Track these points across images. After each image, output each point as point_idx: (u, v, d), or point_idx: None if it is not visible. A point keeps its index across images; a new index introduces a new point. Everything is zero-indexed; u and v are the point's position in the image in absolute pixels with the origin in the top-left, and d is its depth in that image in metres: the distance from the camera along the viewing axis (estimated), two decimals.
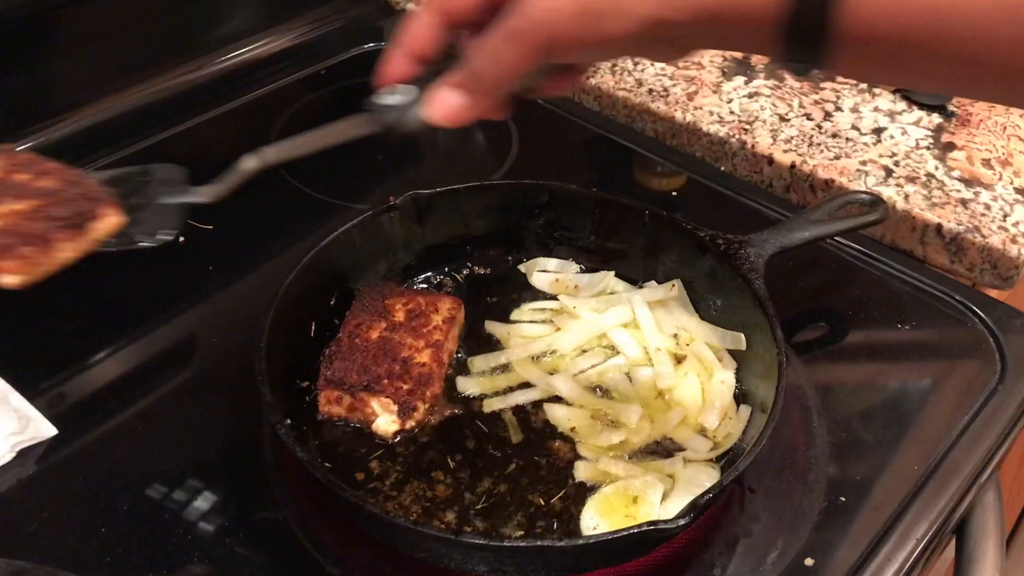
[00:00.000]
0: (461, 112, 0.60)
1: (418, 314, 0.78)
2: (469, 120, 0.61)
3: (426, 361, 0.75)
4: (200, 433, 0.75)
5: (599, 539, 0.60)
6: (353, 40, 1.24)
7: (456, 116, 0.61)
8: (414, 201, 0.83)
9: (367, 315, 0.78)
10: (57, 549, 0.66)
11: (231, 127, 1.10)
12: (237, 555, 0.66)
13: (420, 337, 0.77)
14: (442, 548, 0.63)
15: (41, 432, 0.73)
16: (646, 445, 0.73)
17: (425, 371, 0.74)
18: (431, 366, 0.75)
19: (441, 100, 0.60)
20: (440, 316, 0.79)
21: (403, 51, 0.62)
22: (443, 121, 0.61)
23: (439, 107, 0.61)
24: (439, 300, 0.81)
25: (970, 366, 0.83)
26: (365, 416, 0.73)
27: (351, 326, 0.77)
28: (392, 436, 0.73)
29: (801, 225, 0.82)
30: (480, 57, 0.58)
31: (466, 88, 0.60)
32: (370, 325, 0.77)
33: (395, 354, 0.75)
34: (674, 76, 1.15)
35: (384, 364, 0.74)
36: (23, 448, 0.72)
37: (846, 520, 0.70)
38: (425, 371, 0.74)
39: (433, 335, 0.77)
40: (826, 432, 0.76)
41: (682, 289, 0.83)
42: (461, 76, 0.60)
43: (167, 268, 0.89)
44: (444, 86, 0.60)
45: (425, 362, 0.75)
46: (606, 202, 0.85)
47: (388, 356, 0.75)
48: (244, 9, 1.18)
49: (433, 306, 0.80)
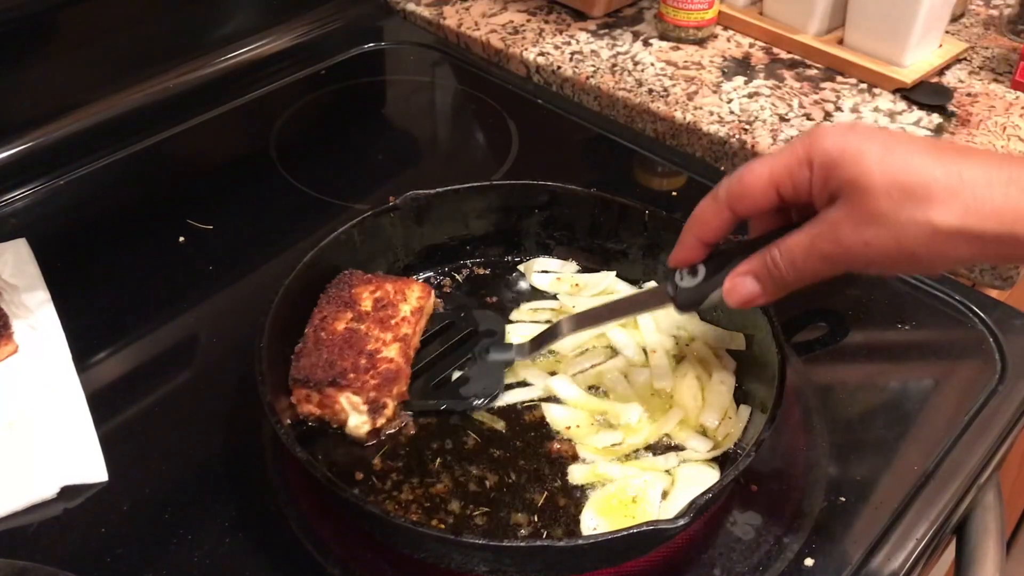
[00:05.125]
0: (756, 299, 0.65)
1: (386, 304, 0.77)
2: (762, 304, 0.65)
3: (393, 356, 0.74)
4: (200, 433, 0.75)
5: (599, 539, 0.60)
6: (353, 40, 1.24)
7: (751, 302, 0.65)
8: (414, 201, 0.83)
9: (333, 306, 0.77)
10: (57, 549, 0.66)
11: (231, 127, 1.10)
12: (237, 555, 0.66)
13: (387, 329, 0.75)
14: (442, 548, 0.63)
15: (90, 476, 0.70)
16: (645, 445, 0.73)
17: (392, 367, 0.73)
18: (398, 361, 0.74)
19: (741, 287, 0.64)
20: (409, 306, 0.78)
21: (695, 238, 0.67)
22: (739, 306, 0.65)
23: (738, 293, 0.65)
24: (407, 287, 0.79)
25: (970, 366, 0.83)
26: (335, 414, 0.72)
27: (317, 320, 0.76)
28: (367, 437, 0.72)
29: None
30: (782, 261, 0.62)
31: (762, 281, 0.64)
32: (336, 317, 0.76)
33: (361, 347, 0.74)
34: (674, 76, 1.15)
35: (349, 358, 0.73)
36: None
37: (846, 520, 0.69)
38: (392, 367, 0.73)
39: (401, 327, 0.76)
40: (826, 432, 0.76)
41: None
42: (759, 268, 0.63)
43: (167, 268, 0.89)
44: (744, 275, 0.64)
45: (392, 357, 0.74)
46: (606, 202, 0.85)
47: (354, 349, 0.73)
48: (244, 9, 1.18)
49: (401, 294, 0.78)
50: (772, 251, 0.62)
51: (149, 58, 1.10)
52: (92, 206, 0.98)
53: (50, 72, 1.02)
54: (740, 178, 0.63)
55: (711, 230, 0.66)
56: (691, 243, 0.67)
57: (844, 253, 0.58)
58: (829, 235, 0.59)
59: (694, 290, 0.68)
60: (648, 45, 1.22)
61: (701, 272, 0.67)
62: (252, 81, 1.15)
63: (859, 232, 0.57)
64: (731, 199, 0.63)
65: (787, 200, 0.62)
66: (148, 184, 1.02)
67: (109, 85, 1.07)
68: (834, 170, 0.58)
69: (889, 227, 0.56)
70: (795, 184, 0.60)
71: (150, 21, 1.10)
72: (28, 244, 0.88)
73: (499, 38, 1.23)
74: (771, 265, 0.62)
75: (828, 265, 0.60)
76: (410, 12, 1.30)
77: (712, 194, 0.65)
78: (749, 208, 0.63)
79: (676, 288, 0.69)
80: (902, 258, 0.57)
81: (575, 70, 1.16)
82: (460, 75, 1.21)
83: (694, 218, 0.66)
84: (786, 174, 0.60)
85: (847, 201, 0.58)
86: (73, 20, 1.02)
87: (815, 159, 0.59)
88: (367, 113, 1.16)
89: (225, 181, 1.03)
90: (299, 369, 0.72)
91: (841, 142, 0.58)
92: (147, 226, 0.95)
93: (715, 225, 0.65)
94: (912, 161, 0.56)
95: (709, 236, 0.66)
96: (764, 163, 0.62)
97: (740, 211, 0.64)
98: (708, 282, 0.67)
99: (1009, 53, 1.21)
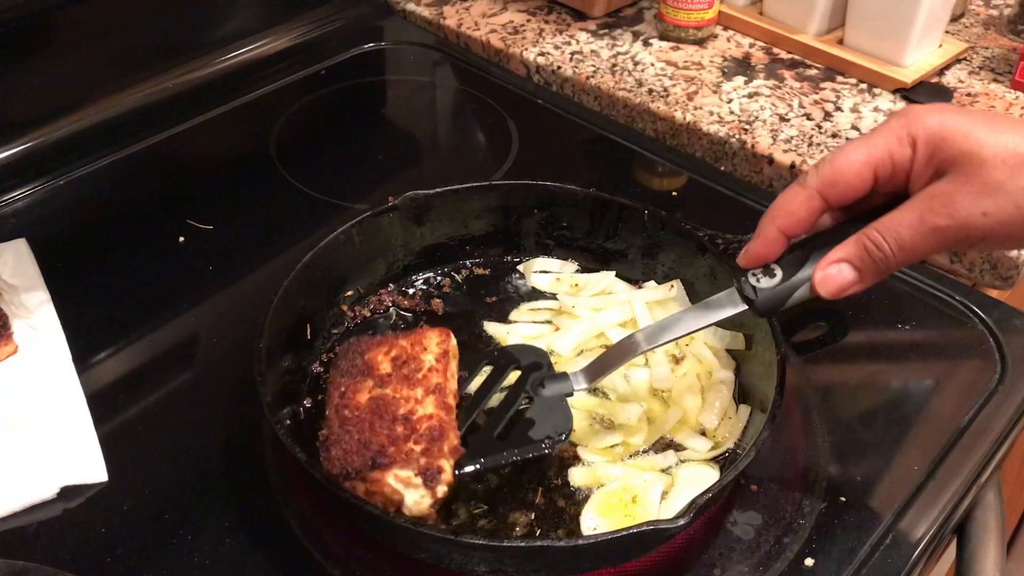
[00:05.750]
0: (852, 287, 0.62)
1: (405, 359, 0.69)
2: (858, 291, 0.62)
3: (432, 411, 0.65)
4: (200, 433, 0.75)
5: (599, 539, 0.60)
6: (353, 40, 1.24)
7: (847, 291, 0.62)
8: (413, 201, 0.83)
9: (349, 378, 0.68)
10: (57, 549, 0.66)
11: (231, 127, 1.10)
12: (237, 555, 0.66)
13: (415, 385, 0.67)
14: (442, 548, 0.63)
15: (90, 476, 0.70)
16: (646, 445, 0.73)
17: (434, 423, 0.64)
18: (438, 415, 0.65)
19: (837, 276, 0.61)
20: (431, 354, 0.70)
21: (779, 230, 0.63)
22: (834, 296, 0.62)
23: (834, 282, 0.61)
24: (423, 336, 0.72)
25: (970, 366, 0.83)
26: (388, 498, 0.62)
27: (336, 398, 0.67)
28: (431, 512, 0.62)
29: None
30: (887, 242, 0.59)
31: (862, 266, 0.61)
32: (356, 389, 0.67)
33: (392, 413, 0.65)
34: (674, 76, 1.15)
35: (383, 430, 0.64)
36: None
37: (846, 520, 0.69)
38: (434, 423, 0.64)
39: (430, 378, 0.68)
40: (826, 432, 0.76)
41: (681, 289, 0.83)
42: (856, 253, 0.61)
43: (167, 268, 0.89)
44: (838, 262, 0.61)
45: (431, 412, 0.65)
46: (605, 202, 0.85)
47: (386, 418, 0.65)
48: (244, 9, 1.18)
49: (420, 345, 0.70)
50: (871, 234, 0.60)
51: (149, 58, 1.10)
52: (92, 206, 0.98)
53: (50, 72, 1.02)
54: (832, 162, 0.60)
55: (797, 221, 0.62)
56: (774, 236, 0.63)
57: (959, 226, 0.57)
58: (942, 209, 0.57)
59: (775, 291, 0.63)
60: (648, 45, 1.22)
61: (778, 271, 0.63)
62: (252, 81, 1.15)
63: (977, 203, 0.56)
64: (824, 186, 0.61)
65: (882, 183, 0.60)
66: (148, 184, 1.02)
67: (109, 85, 1.07)
68: (942, 144, 0.57)
69: (1008, 195, 0.56)
70: (896, 164, 0.59)
71: (150, 21, 1.10)
72: (28, 244, 0.88)
73: (499, 38, 1.23)
74: (872, 248, 0.60)
75: (940, 240, 0.58)
76: (410, 12, 1.30)
77: (800, 182, 0.62)
78: (844, 194, 0.61)
79: (755, 290, 0.64)
80: (1017, 226, 0.57)
81: (575, 70, 1.16)
82: (460, 75, 1.21)
83: (778, 209, 0.63)
84: (886, 154, 0.59)
85: (960, 174, 0.57)
86: (73, 20, 1.02)
87: (919, 136, 0.58)
88: (367, 113, 1.16)
89: (225, 181, 1.03)
90: (331, 462, 0.62)
91: (941, 119, 0.58)
92: (147, 226, 0.95)
93: (802, 216, 0.62)
94: (1018, 128, 0.56)
95: (795, 229, 0.63)
96: (858, 146, 0.60)
97: (834, 198, 0.61)
98: (790, 280, 0.63)
99: (1009, 53, 1.21)
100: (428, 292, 0.86)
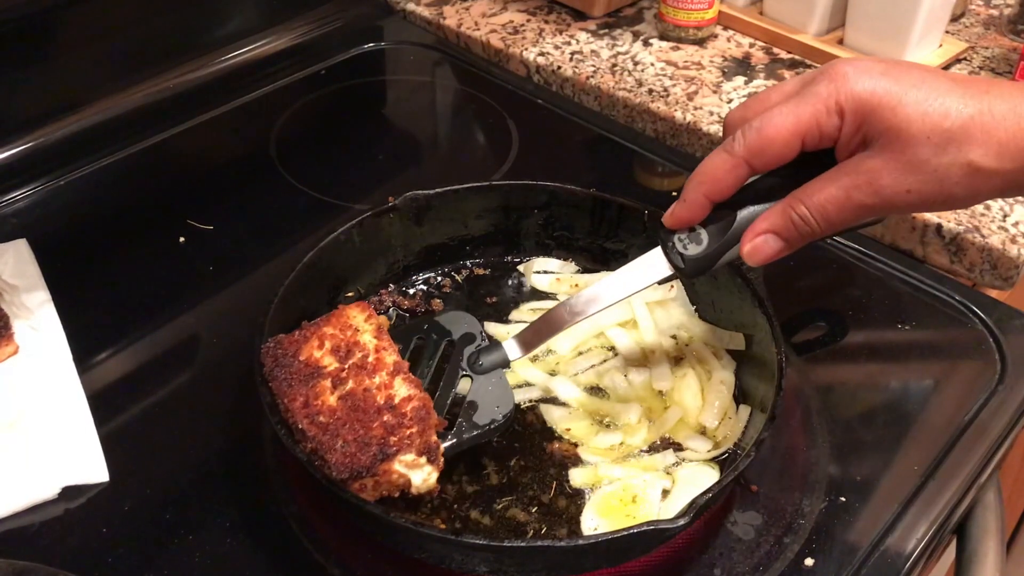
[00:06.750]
0: (777, 255, 0.62)
1: (348, 349, 0.68)
2: (784, 255, 0.63)
3: (408, 392, 0.66)
4: (200, 433, 0.75)
5: (599, 539, 0.60)
6: (353, 40, 1.24)
7: (772, 259, 0.62)
8: (413, 201, 0.83)
9: (301, 385, 0.66)
10: (58, 549, 0.66)
11: (231, 127, 1.10)
12: (237, 555, 0.66)
13: (375, 371, 0.67)
14: (442, 548, 0.63)
15: (91, 476, 0.70)
16: (645, 446, 0.73)
17: (416, 404, 0.65)
18: (416, 394, 0.66)
19: (764, 247, 0.62)
20: (367, 334, 0.69)
21: (703, 196, 0.63)
22: (758, 263, 0.62)
23: (762, 253, 0.62)
24: (344, 315, 0.71)
25: (970, 366, 0.83)
26: (394, 484, 0.63)
27: (299, 409, 0.65)
28: (436, 488, 0.64)
29: None
30: (813, 216, 0.59)
31: (786, 236, 0.61)
32: (315, 393, 0.66)
33: (374, 404, 0.65)
34: (674, 76, 1.15)
35: (374, 422, 0.64)
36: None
37: (846, 520, 0.70)
38: (416, 404, 0.65)
39: (383, 359, 0.67)
40: (826, 432, 0.76)
41: (681, 289, 0.83)
42: (783, 225, 0.61)
43: (167, 268, 0.89)
44: (765, 233, 0.61)
45: (409, 394, 0.66)
46: (605, 202, 0.85)
47: (368, 412, 0.64)
48: (244, 9, 1.18)
49: (349, 327, 0.69)
50: (797, 207, 0.60)
51: (149, 58, 1.10)
52: (92, 206, 0.98)
53: (50, 72, 1.02)
54: (760, 130, 0.59)
55: (723, 187, 0.62)
56: (699, 202, 0.63)
57: (884, 202, 0.57)
58: (867, 186, 0.57)
59: (703, 256, 0.64)
60: (648, 45, 1.22)
61: (704, 236, 0.64)
62: (252, 81, 1.15)
63: (901, 181, 0.56)
64: (750, 153, 0.60)
65: (809, 149, 0.60)
66: (148, 184, 1.02)
67: (109, 85, 1.07)
68: (870, 116, 0.56)
69: (932, 172, 0.56)
70: (823, 133, 0.58)
71: (150, 21, 1.10)
72: (28, 244, 0.88)
73: (499, 38, 1.23)
74: (798, 221, 0.60)
75: (864, 214, 0.59)
76: (410, 12, 1.30)
77: (725, 148, 0.61)
78: (771, 161, 0.60)
79: (682, 257, 0.64)
80: (940, 200, 0.57)
81: (575, 70, 1.16)
82: (460, 75, 1.21)
83: (703, 174, 0.62)
84: (814, 123, 0.58)
85: (885, 148, 0.56)
86: (73, 20, 1.02)
87: (846, 106, 0.57)
88: (367, 113, 1.16)
89: (225, 181, 1.03)
90: (335, 467, 0.61)
91: (872, 86, 0.57)
92: (147, 226, 0.95)
93: (728, 182, 0.62)
94: (947, 103, 0.55)
95: (719, 194, 0.62)
96: (786, 112, 0.59)
97: (760, 166, 0.61)
98: (718, 245, 0.63)
99: (1009, 53, 1.21)
100: (428, 292, 0.86)
